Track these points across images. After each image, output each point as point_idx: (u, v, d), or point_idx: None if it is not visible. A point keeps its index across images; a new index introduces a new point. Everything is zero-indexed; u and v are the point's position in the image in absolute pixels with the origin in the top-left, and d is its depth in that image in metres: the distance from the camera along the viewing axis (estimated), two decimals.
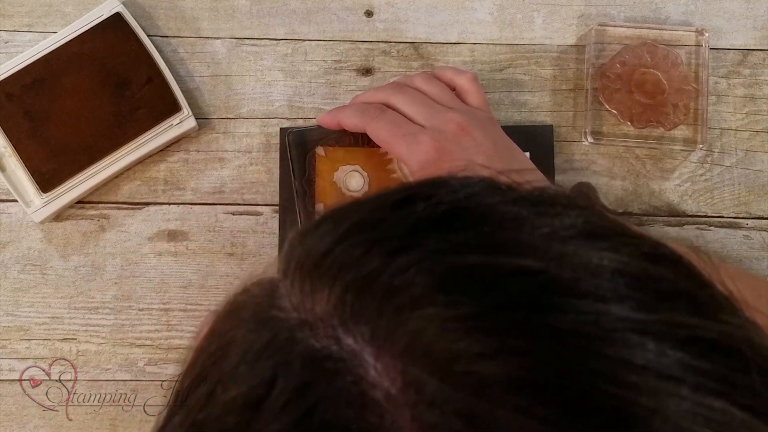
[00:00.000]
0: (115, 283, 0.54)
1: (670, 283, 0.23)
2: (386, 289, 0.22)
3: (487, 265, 0.22)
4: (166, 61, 0.54)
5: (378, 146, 0.51)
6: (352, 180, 0.52)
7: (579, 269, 0.22)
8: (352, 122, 0.49)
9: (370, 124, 0.48)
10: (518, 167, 0.48)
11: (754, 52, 0.57)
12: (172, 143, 0.55)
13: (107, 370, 0.53)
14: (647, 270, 0.23)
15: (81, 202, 0.54)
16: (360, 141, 0.53)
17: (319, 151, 0.53)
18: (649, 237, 0.25)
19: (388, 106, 0.49)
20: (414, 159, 0.46)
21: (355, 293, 0.22)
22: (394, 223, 0.24)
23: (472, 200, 0.25)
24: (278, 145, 0.55)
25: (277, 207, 0.54)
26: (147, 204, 0.54)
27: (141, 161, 0.54)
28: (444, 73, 0.52)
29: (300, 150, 0.53)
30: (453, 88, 0.51)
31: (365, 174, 0.52)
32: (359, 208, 0.26)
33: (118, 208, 0.54)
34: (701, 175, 0.56)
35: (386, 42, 0.57)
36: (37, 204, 0.52)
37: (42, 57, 0.53)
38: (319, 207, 0.52)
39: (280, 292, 0.24)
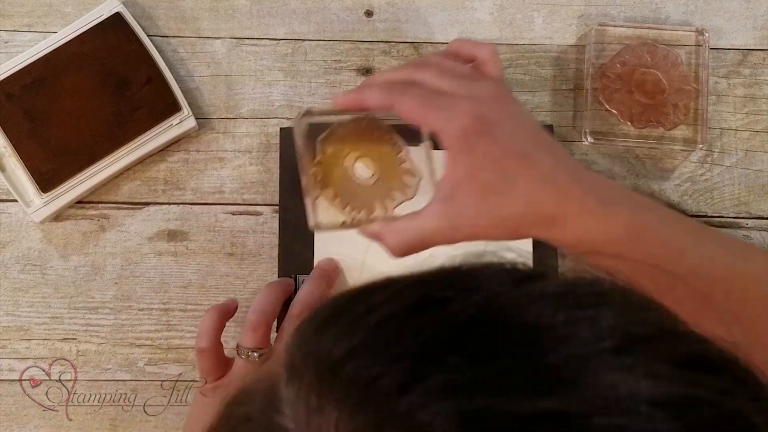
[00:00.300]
0: (115, 283, 0.54)
1: (715, 408, 0.21)
2: (399, 427, 0.20)
3: (507, 411, 0.20)
4: (166, 61, 0.54)
5: (386, 136, 0.48)
6: (362, 169, 0.51)
7: (611, 407, 0.20)
8: (377, 100, 0.44)
9: (399, 99, 0.43)
10: (548, 144, 0.44)
11: (754, 52, 0.57)
12: (172, 143, 0.55)
13: (107, 370, 0.53)
14: (688, 395, 0.21)
15: (81, 202, 0.54)
16: (366, 131, 0.51)
17: (329, 135, 0.51)
18: (690, 332, 0.23)
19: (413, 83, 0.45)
20: (453, 129, 0.41)
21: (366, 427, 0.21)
22: (407, 339, 0.22)
23: (489, 305, 0.23)
24: (278, 145, 0.55)
25: (277, 207, 0.54)
26: (147, 204, 0.54)
27: (141, 161, 0.54)
28: (463, 46, 0.48)
29: (309, 140, 0.51)
30: (471, 61, 0.48)
31: (375, 163, 0.51)
32: (367, 314, 0.23)
33: (118, 208, 0.54)
34: (701, 175, 0.56)
35: (386, 42, 0.57)
36: (37, 204, 0.52)
37: (42, 57, 0.53)
38: (328, 193, 0.50)
39: (281, 399, 0.23)
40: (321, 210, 0.49)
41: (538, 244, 0.53)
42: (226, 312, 0.48)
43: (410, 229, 0.42)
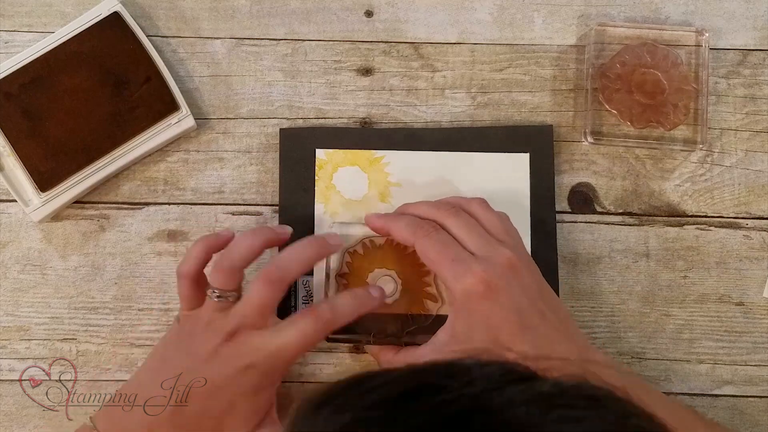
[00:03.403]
0: (115, 283, 0.53)
1: None
2: None
3: None
4: (166, 61, 0.54)
5: (416, 257, 0.48)
6: (385, 285, 0.49)
7: None
8: (402, 235, 0.48)
9: (420, 240, 0.46)
10: (556, 318, 0.46)
11: (754, 52, 0.57)
12: (171, 143, 0.55)
13: (107, 370, 0.53)
14: None
15: (81, 201, 0.54)
16: (397, 248, 0.51)
17: (358, 248, 0.51)
18: None
19: (440, 226, 0.48)
20: (459, 287, 0.44)
21: None
22: (397, 425, 0.22)
23: (484, 399, 0.23)
24: (278, 145, 0.55)
25: (277, 207, 0.54)
26: (147, 204, 0.54)
27: (140, 161, 0.54)
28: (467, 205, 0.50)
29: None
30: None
31: (399, 281, 0.50)
32: (365, 394, 0.24)
33: (118, 208, 0.54)
34: (701, 175, 0.56)
35: (386, 42, 0.57)
36: (36, 203, 0.52)
37: (40, 56, 0.53)
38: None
39: None
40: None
41: (535, 240, 0.53)
42: (216, 244, 0.48)
43: (399, 363, 0.46)
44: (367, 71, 0.56)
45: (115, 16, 0.54)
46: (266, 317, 0.46)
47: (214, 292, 0.46)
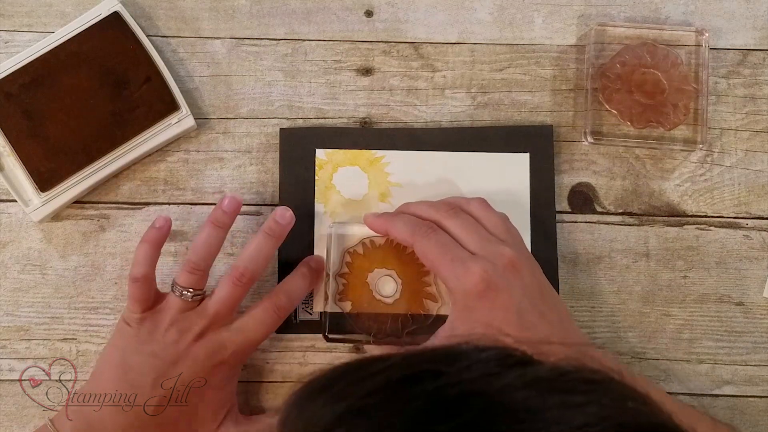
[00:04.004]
0: (115, 283, 0.53)
1: None
2: None
3: None
4: (166, 61, 0.54)
5: (416, 257, 0.48)
6: (385, 285, 0.50)
7: None
8: (401, 235, 0.48)
9: (419, 241, 0.47)
10: (556, 317, 0.46)
11: (754, 52, 0.57)
12: (171, 143, 0.55)
13: None
14: None
15: (81, 201, 0.54)
16: (397, 248, 0.51)
17: (358, 248, 0.51)
18: (680, 426, 0.23)
19: (440, 227, 0.48)
20: (460, 286, 0.44)
21: None
22: (396, 410, 0.22)
23: (483, 383, 0.23)
24: (278, 145, 0.55)
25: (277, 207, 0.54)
26: (147, 204, 0.54)
27: (140, 161, 0.54)
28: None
29: (339, 245, 0.51)
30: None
31: (399, 281, 0.51)
32: (361, 381, 0.24)
33: (118, 208, 0.54)
34: (701, 175, 0.56)
35: (386, 42, 0.57)
36: (36, 203, 0.52)
37: (40, 56, 0.53)
38: (346, 306, 0.50)
39: None
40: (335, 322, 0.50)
41: (535, 241, 0.53)
42: (160, 238, 0.49)
43: None
44: (367, 71, 0.56)
45: (115, 16, 0.54)
46: (232, 314, 0.48)
47: (188, 291, 0.47)
